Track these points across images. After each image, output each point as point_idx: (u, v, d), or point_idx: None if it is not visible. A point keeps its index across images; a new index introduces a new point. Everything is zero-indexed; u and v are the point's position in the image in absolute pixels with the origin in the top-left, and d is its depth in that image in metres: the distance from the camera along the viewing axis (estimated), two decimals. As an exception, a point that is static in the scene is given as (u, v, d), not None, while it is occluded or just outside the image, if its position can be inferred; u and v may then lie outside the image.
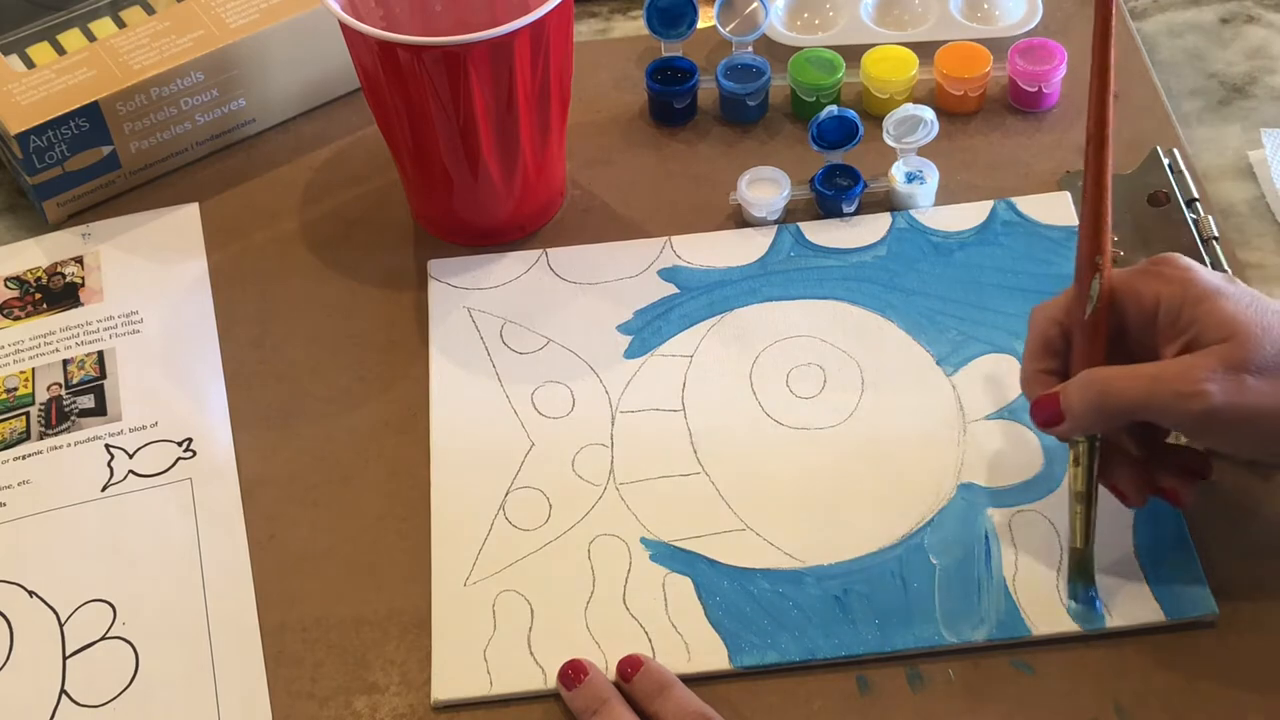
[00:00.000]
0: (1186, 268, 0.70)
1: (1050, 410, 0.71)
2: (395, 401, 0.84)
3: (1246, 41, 1.00)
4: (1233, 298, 0.69)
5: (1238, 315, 0.68)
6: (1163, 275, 0.70)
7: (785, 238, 0.89)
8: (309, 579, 0.77)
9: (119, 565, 0.78)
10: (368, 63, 0.83)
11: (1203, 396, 0.66)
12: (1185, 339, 0.69)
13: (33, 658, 0.75)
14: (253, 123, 0.98)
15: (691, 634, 0.73)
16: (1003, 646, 0.72)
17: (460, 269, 0.89)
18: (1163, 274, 0.71)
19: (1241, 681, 0.70)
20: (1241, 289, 0.70)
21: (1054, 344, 0.73)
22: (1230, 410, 0.67)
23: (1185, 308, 0.69)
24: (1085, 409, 0.70)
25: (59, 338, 0.88)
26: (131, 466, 0.82)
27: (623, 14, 1.05)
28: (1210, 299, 0.68)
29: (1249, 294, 0.69)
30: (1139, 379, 0.68)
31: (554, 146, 0.89)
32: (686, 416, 0.82)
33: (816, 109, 0.93)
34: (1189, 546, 0.74)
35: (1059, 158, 0.92)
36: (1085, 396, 0.69)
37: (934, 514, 0.77)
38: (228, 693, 0.73)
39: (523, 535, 0.77)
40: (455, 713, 0.72)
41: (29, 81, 0.92)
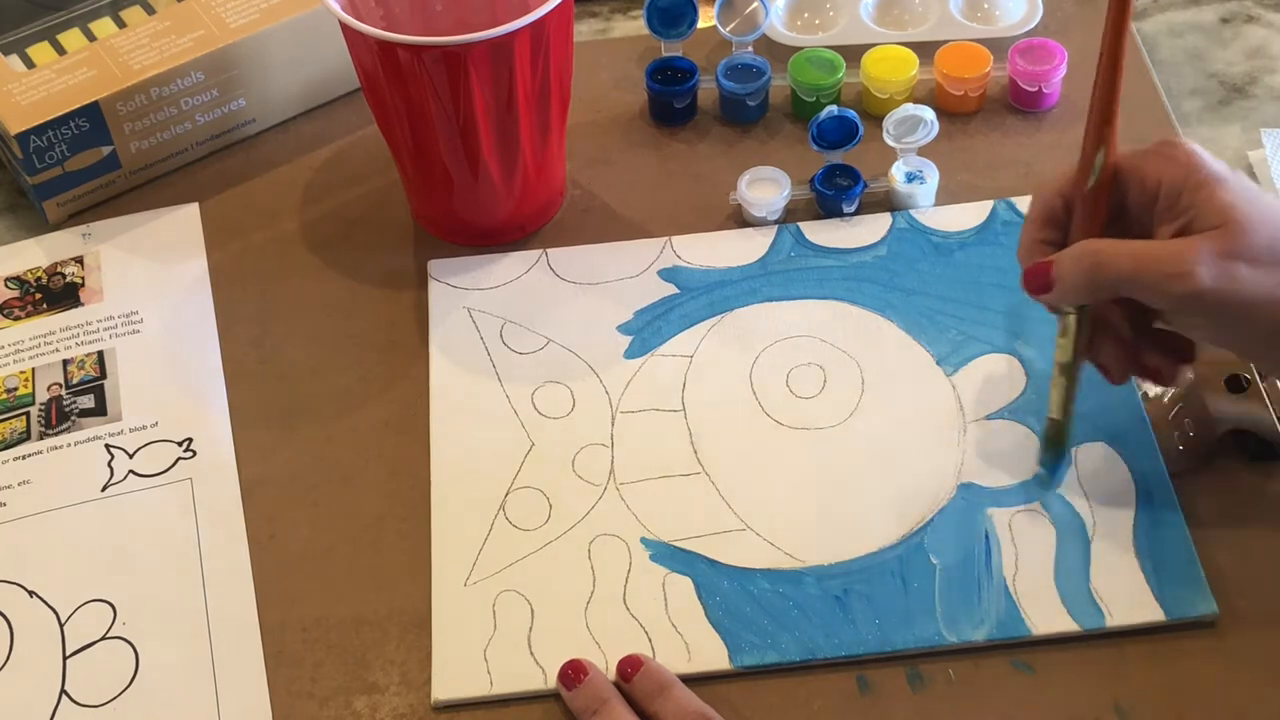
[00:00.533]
0: (1191, 152, 0.71)
1: (1042, 277, 0.71)
2: (395, 401, 0.84)
3: (1246, 41, 1.00)
4: (1232, 186, 0.69)
5: (1234, 204, 0.68)
6: (1167, 157, 0.71)
7: (785, 238, 0.89)
8: (309, 579, 0.77)
9: (119, 565, 0.78)
10: (368, 63, 0.83)
11: (1190, 278, 0.67)
12: (1182, 222, 0.69)
13: (33, 658, 0.75)
14: (253, 123, 0.98)
15: (692, 634, 0.73)
16: (1003, 646, 0.72)
17: (460, 269, 0.89)
18: (1167, 155, 0.71)
19: (1241, 681, 0.70)
20: (1243, 180, 0.70)
21: (1056, 215, 0.73)
22: (1215, 295, 0.67)
23: (1185, 192, 0.69)
24: (1075, 278, 0.70)
25: (59, 338, 0.88)
26: (131, 466, 0.82)
27: (623, 14, 1.05)
28: (1210, 185, 0.69)
29: (1250, 186, 0.70)
30: (1130, 254, 0.69)
31: (554, 146, 0.89)
32: (686, 416, 0.82)
33: (816, 109, 0.93)
34: (1189, 546, 0.74)
35: (1059, 158, 0.92)
36: (1077, 267, 0.70)
37: (934, 514, 0.77)
38: (228, 693, 0.73)
39: (523, 535, 0.77)
40: (455, 713, 0.72)
41: (29, 81, 0.92)
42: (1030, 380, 0.81)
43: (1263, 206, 0.68)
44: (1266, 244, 0.67)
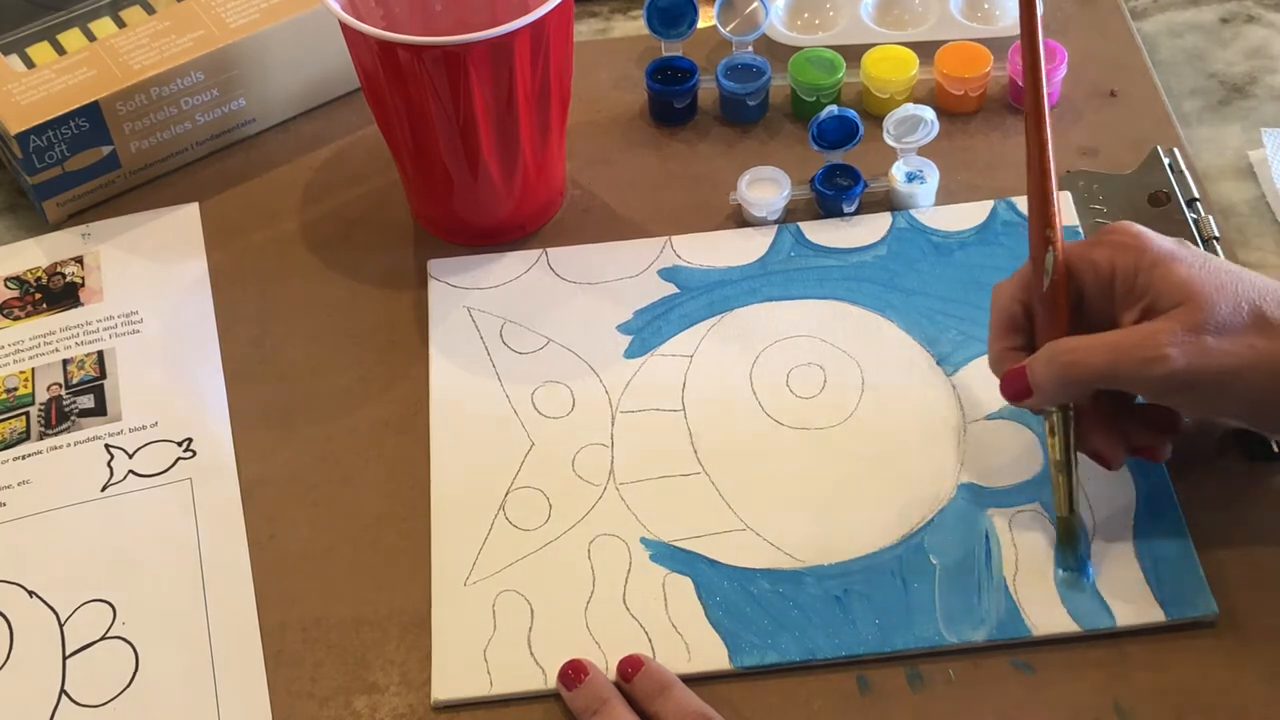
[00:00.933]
0: (1138, 234, 0.72)
1: (1019, 384, 0.72)
2: (395, 401, 0.84)
3: (1246, 41, 1.00)
4: (1185, 261, 0.70)
5: (1191, 278, 0.69)
6: (1115, 243, 0.72)
7: (785, 238, 0.89)
8: (309, 579, 0.77)
9: (119, 565, 0.78)
10: (368, 63, 0.83)
11: (1164, 360, 0.68)
12: (1142, 305, 0.70)
13: (33, 658, 0.75)
14: (253, 123, 0.98)
15: (692, 634, 0.73)
16: (1003, 646, 0.72)
17: (460, 269, 0.89)
18: (1115, 241, 0.72)
19: (1241, 681, 0.70)
20: (1193, 252, 0.71)
21: (1017, 320, 0.75)
22: (1192, 372, 0.68)
23: (1140, 274, 0.71)
24: (1052, 381, 0.71)
25: (59, 338, 0.88)
26: (131, 466, 0.82)
27: (623, 14, 1.05)
28: (1164, 264, 0.70)
29: (1200, 256, 0.71)
30: (1102, 349, 0.70)
31: (554, 146, 0.89)
32: (686, 416, 0.82)
33: (816, 109, 0.93)
34: (1189, 546, 0.74)
35: (1059, 157, 0.91)
36: (1051, 369, 0.71)
37: (934, 514, 0.77)
38: (228, 693, 0.73)
39: (523, 535, 0.77)
40: (455, 713, 0.72)
41: (29, 81, 0.92)
42: None
43: (1219, 276, 0.70)
44: (1230, 312, 0.69)
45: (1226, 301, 0.69)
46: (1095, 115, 0.94)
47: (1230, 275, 0.70)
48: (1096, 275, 0.72)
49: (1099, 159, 0.92)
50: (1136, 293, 0.71)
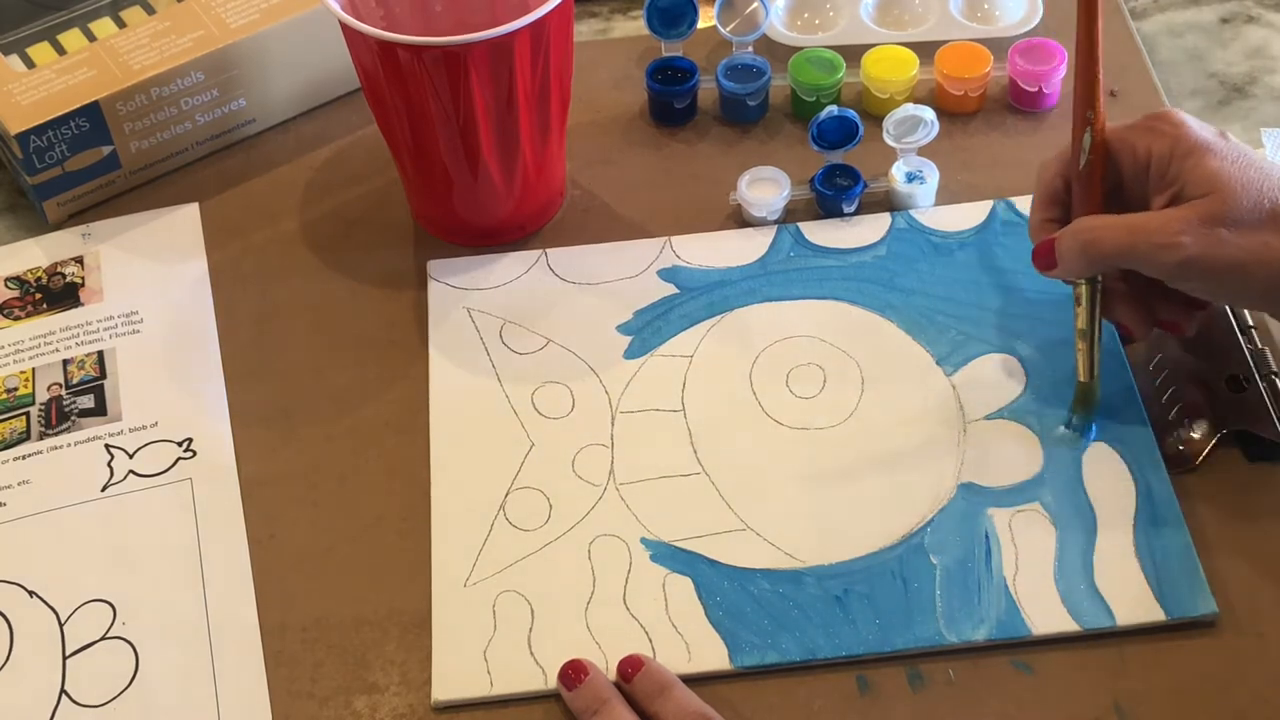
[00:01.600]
0: (1179, 123, 0.74)
1: (1047, 255, 0.76)
2: (395, 401, 0.84)
3: (1246, 41, 1.00)
4: (1219, 153, 0.72)
5: (1220, 171, 0.71)
6: (1155, 129, 0.74)
7: (785, 238, 0.89)
8: (309, 579, 0.77)
9: (119, 565, 0.78)
10: (368, 63, 0.83)
11: (1178, 248, 0.71)
12: (1173, 191, 0.73)
13: (33, 658, 0.75)
14: (253, 123, 0.98)
15: (692, 634, 0.73)
16: (1003, 646, 0.72)
17: (460, 269, 0.89)
18: (1155, 128, 0.75)
19: (1241, 681, 0.70)
20: (1231, 145, 0.73)
21: (1058, 195, 0.78)
22: (1204, 261, 0.70)
23: (1174, 161, 0.73)
24: (1074, 255, 0.74)
25: (59, 338, 0.88)
26: (131, 466, 0.82)
27: (623, 14, 1.05)
28: (1197, 154, 0.72)
29: (1237, 150, 0.73)
30: (1122, 230, 0.73)
31: (554, 146, 0.89)
32: (686, 416, 0.82)
33: (816, 109, 0.93)
34: (1189, 546, 0.74)
35: (1059, 158, 0.92)
36: (1074, 244, 0.74)
37: (934, 514, 0.77)
38: (228, 693, 0.73)
39: (523, 535, 0.77)
40: (455, 713, 0.72)
41: (29, 81, 0.92)
42: (1030, 380, 0.81)
43: (1249, 170, 0.71)
44: (1250, 207, 0.70)
45: (1249, 197, 0.71)
46: (1095, 115, 0.94)
47: (1260, 172, 0.71)
48: (1134, 158, 0.74)
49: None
50: (1169, 179, 0.73)
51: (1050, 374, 0.81)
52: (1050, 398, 0.80)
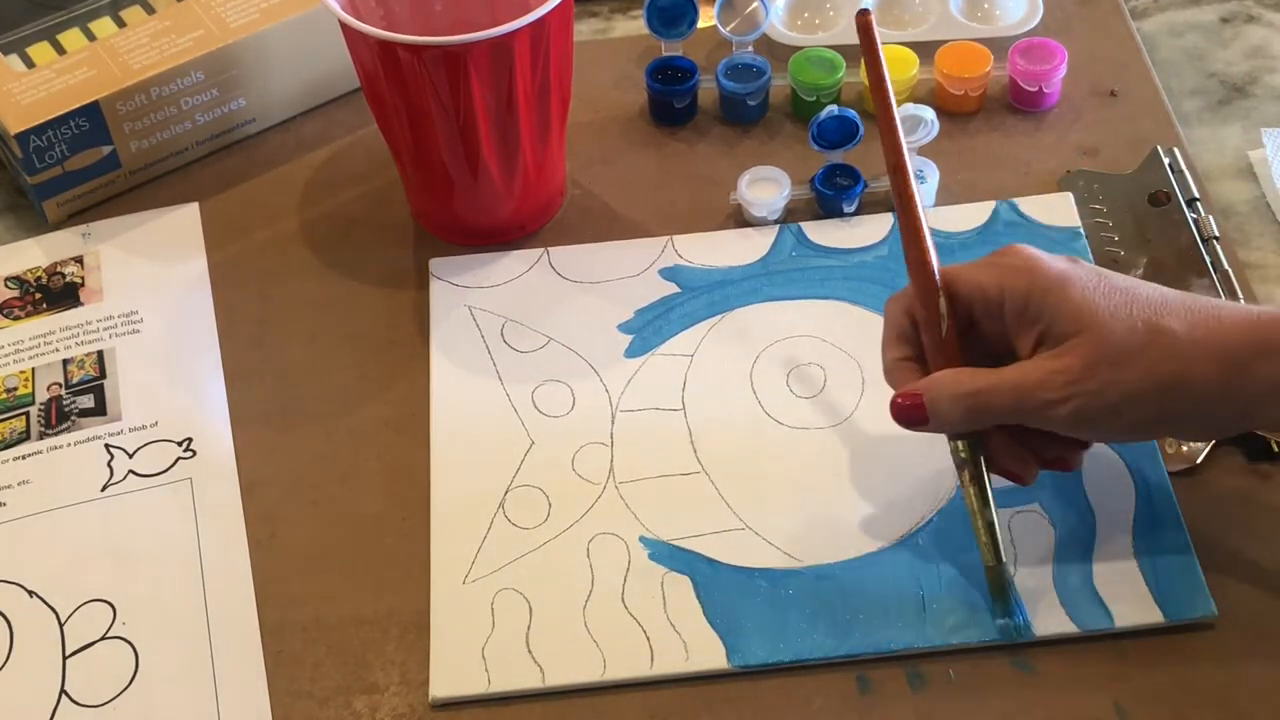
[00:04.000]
0: (1029, 256, 0.71)
1: (916, 412, 0.72)
2: (395, 401, 0.84)
3: (1246, 41, 1.00)
4: (1078, 284, 0.69)
5: (1085, 303, 0.69)
6: (1005, 265, 0.72)
7: (787, 237, 0.89)
8: (309, 579, 0.77)
9: (119, 565, 0.78)
10: (368, 63, 0.83)
11: (1067, 401, 0.68)
12: (1038, 330, 0.70)
13: (33, 658, 0.75)
14: (253, 122, 0.98)
15: (690, 633, 0.73)
16: (1003, 646, 0.72)
17: (461, 268, 0.89)
18: (1006, 264, 0.72)
19: (1241, 681, 0.70)
20: (1085, 271, 0.71)
21: (907, 333, 0.74)
22: (1096, 409, 0.68)
23: (1032, 299, 0.70)
24: (953, 416, 0.71)
25: (59, 337, 0.88)
26: (131, 466, 0.82)
27: (623, 14, 1.05)
28: (1057, 289, 0.69)
29: (1093, 276, 0.70)
30: (1006, 391, 0.69)
31: (554, 146, 0.89)
32: (686, 416, 0.82)
33: (817, 109, 0.93)
34: (1188, 547, 0.74)
35: (1059, 157, 0.92)
36: (954, 406, 0.71)
37: (933, 514, 0.77)
38: (228, 693, 0.73)
39: (522, 534, 0.77)
40: (454, 711, 0.72)
41: (29, 81, 0.92)
42: None
43: (1114, 295, 0.69)
44: (1125, 334, 0.68)
45: (1122, 324, 0.68)
46: (1095, 115, 0.94)
47: (1125, 294, 0.69)
48: (985, 299, 0.72)
49: (1099, 159, 0.92)
50: (1029, 318, 0.70)
51: None
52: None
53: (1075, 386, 0.68)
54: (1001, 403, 0.70)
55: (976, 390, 0.70)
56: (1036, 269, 0.71)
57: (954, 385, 0.71)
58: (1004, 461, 0.73)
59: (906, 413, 0.72)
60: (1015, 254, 0.72)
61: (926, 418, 0.72)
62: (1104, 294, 0.69)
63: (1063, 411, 0.68)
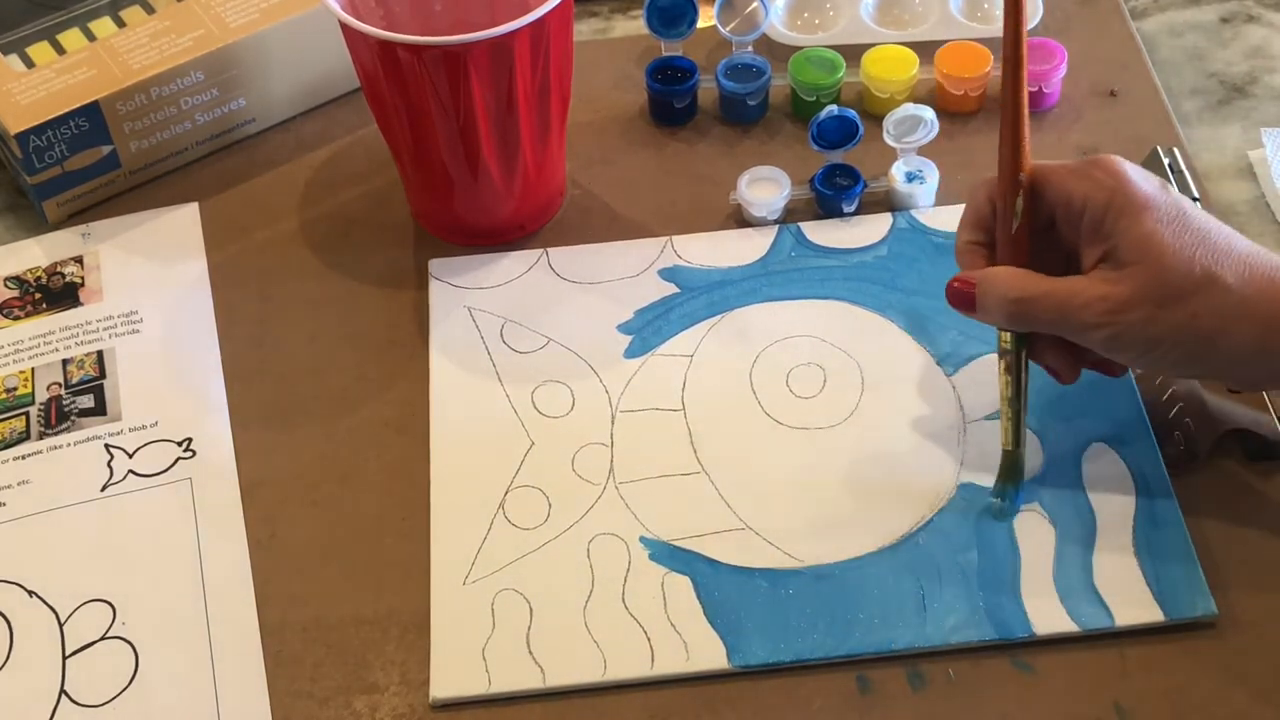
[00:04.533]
0: (1119, 174, 0.71)
1: (965, 298, 0.74)
2: (395, 401, 0.84)
3: (1246, 41, 1.00)
4: (1154, 214, 0.70)
5: (1153, 235, 0.69)
6: (1094, 179, 0.72)
7: (786, 237, 0.89)
8: (309, 579, 0.77)
9: (119, 565, 0.78)
10: (368, 63, 0.83)
11: (1105, 326, 0.70)
12: (1105, 248, 0.71)
13: (33, 658, 0.75)
14: (253, 122, 0.98)
15: (690, 633, 0.73)
16: (1003, 646, 0.72)
17: (461, 268, 0.89)
18: (1094, 177, 0.72)
19: (1241, 681, 0.70)
20: (1169, 202, 0.70)
21: (985, 220, 0.75)
22: (1130, 337, 0.70)
23: (1109, 217, 0.70)
24: (998, 313, 0.73)
25: (59, 337, 0.88)
26: (131, 466, 0.82)
27: (623, 14, 1.05)
28: (1132, 212, 0.70)
29: (1175, 208, 0.70)
30: (1051, 304, 0.71)
31: (554, 146, 0.89)
32: (686, 416, 0.82)
33: (816, 109, 0.93)
34: (1188, 547, 0.74)
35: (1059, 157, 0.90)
36: (999, 304, 0.72)
37: (934, 514, 0.77)
38: (228, 693, 0.73)
39: (522, 534, 0.77)
40: (454, 711, 0.72)
41: (29, 81, 0.92)
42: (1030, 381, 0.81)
43: (1184, 234, 0.69)
44: (1182, 276, 0.69)
45: (1180, 265, 0.69)
46: (1095, 115, 0.94)
47: (1195, 234, 0.70)
48: (1069, 206, 0.72)
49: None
50: (1103, 234, 0.71)
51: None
52: (1050, 398, 0.80)
53: (1117, 315, 0.69)
54: (1045, 314, 0.71)
55: (1025, 296, 0.72)
56: (1120, 189, 0.71)
57: (1005, 285, 0.72)
58: (1048, 357, 0.74)
59: (958, 298, 0.74)
60: (1107, 167, 0.72)
61: (974, 308, 0.74)
62: (1175, 230, 0.69)
63: (1099, 335, 0.70)
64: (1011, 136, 0.73)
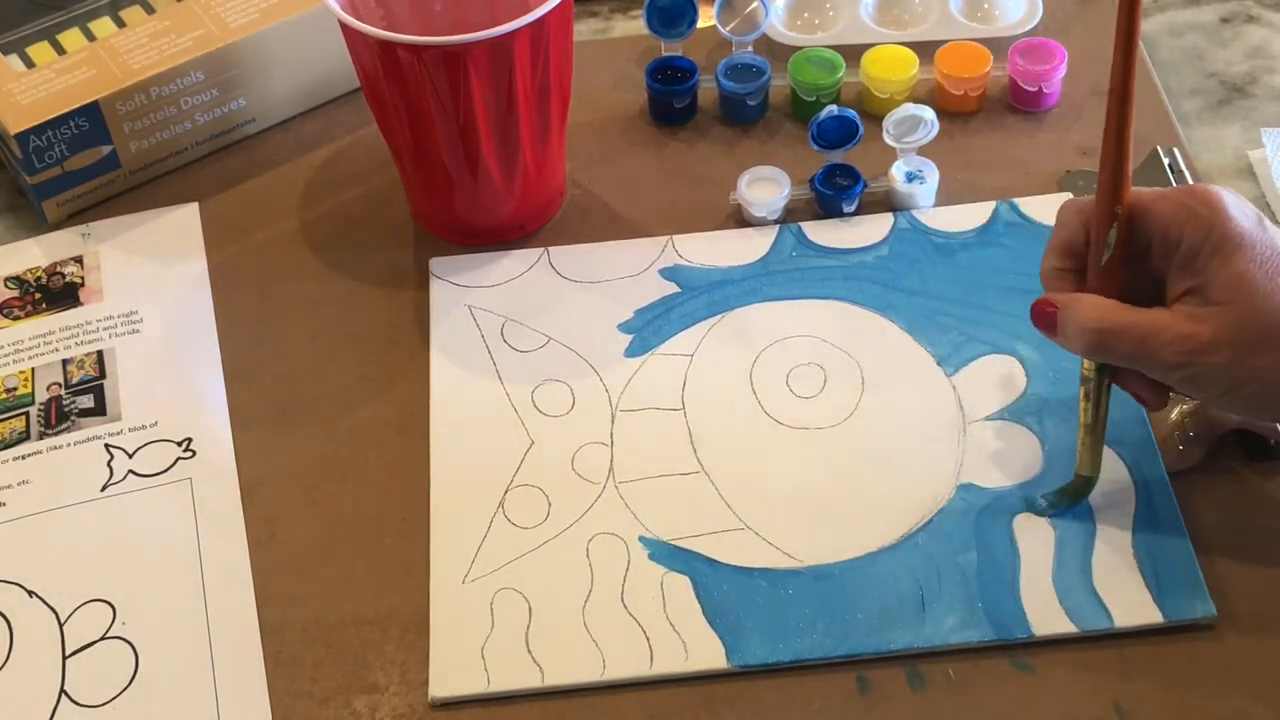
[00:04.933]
0: (1218, 208, 0.69)
1: (1048, 320, 0.72)
2: (395, 401, 0.84)
3: (1246, 41, 1.00)
4: (1250, 253, 0.68)
5: (1246, 277, 0.67)
6: (1192, 210, 0.69)
7: (787, 237, 0.89)
8: (309, 579, 0.77)
9: (119, 565, 0.78)
10: (368, 63, 0.83)
11: (1185, 368, 0.68)
12: (1194, 284, 0.69)
13: (33, 658, 0.75)
14: (253, 122, 0.98)
15: (689, 633, 0.73)
16: (1003, 646, 0.72)
17: (462, 267, 0.89)
18: (1192, 209, 0.69)
19: (1241, 682, 0.70)
20: (1266, 240, 0.68)
21: (1076, 245, 0.73)
22: (1209, 382, 0.68)
23: (1203, 253, 0.69)
24: (1079, 342, 0.71)
25: (59, 337, 0.88)
26: (131, 466, 0.82)
27: (623, 14, 1.05)
28: (1227, 249, 0.68)
29: (1270, 249, 0.68)
30: (1132, 337, 0.69)
31: (554, 146, 0.89)
32: (686, 415, 0.82)
33: (816, 109, 0.93)
34: (1188, 548, 0.74)
35: (1059, 157, 0.92)
36: (1080, 335, 0.71)
37: (933, 514, 0.77)
38: (227, 693, 0.73)
39: (522, 533, 0.77)
40: (454, 711, 0.72)
41: (29, 81, 0.92)
42: (1030, 381, 0.81)
43: (1276, 277, 0.67)
44: (1265, 325, 0.67)
45: (1270, 311, 0.67)
46: (1095, 115, 0.94)
47: None
48: (1165, 238, 0.70)
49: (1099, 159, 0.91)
50: (1194, 269, 0.69)
51: (1050, 375, 0.81)
52: (1050, 399, 0.80)
53: (1198, 356, 0.68)
54: (1125, 347, 0.70)
55: (1105, 328, 0.70)
56: (1218, 224, 0.68)
57: (1087, 315, 0.71)
58: (1134, 384, 0.73)
59: (1041, 318, 0.73)
60: (1205, 199, 0.69)
61: (1056, 329, 0.72)
62: (1269, 272, 0.68)
63: (1177, 376, 0.69)
64: (1113, 165, 0.71)
